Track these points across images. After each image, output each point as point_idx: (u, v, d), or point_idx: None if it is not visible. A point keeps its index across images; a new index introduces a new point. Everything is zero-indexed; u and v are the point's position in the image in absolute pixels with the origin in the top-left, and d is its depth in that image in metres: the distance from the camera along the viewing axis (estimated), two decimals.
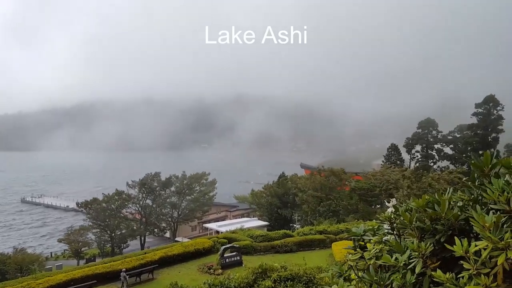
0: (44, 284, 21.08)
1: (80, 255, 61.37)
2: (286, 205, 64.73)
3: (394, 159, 76.26)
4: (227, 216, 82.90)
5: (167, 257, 27.42)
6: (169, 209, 70.16)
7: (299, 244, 32.04)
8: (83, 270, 23.88)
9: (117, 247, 63.08)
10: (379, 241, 3.24)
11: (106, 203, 63.91)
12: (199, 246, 29.65)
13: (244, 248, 30.00)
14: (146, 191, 67.57)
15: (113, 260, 26.82)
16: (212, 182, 73.43)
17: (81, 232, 62.01)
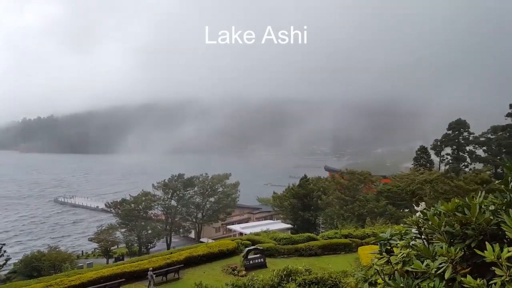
0: (75, 281, 21.78)
1: (109, 254, 63.06)
2: (309, 208, 64.21)
3: (423, 162, 74.31)
4: (250, 218, 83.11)
5: (192, 257, 27.73)
6: (193, 209, 71.09)
7: (323, 248, 31.67)
8: (112, 269, 24.50)
9: (144, 246, 64.39)
10: (406, 246, 3.18)
11: (134, 203, 65.40)
12: (223, 247, 29.83)
13: (268, 251, 29.97)
14: (170, 192, 68.74)
15: (140, 259, 27.37)
16: (234, 184, 73.82)
17: (110, 231, 63.71)
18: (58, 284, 21.23)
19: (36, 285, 21.08)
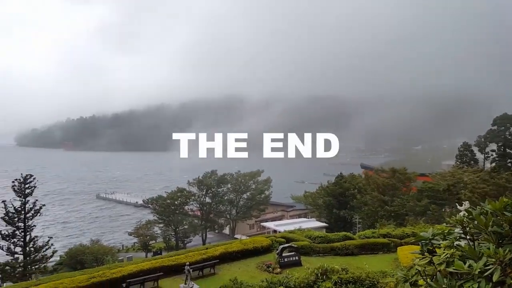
0: (116, 274, 22.65)
1: (148, 248, 65.13)
2: (345, 206, 63.16)
3: (467, 159, 70.99)
4: (284, 216, 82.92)
5: (227, 253, 28.05)
6: (227, 206, 71.95)
7: (360, 247, 31.04)
8: (151, 262, 25.27)
9: (181, 241, 66.00)
10: (450, 246, 3.06)
11: (170, 199, 67.06)
12: (258, 244, 29.94)
13: (303, 249, 29.76)
14: (205, 189, 69.87)
15: (178, 254, 28.01)
16: (266, 180, 73.87)
17: (148, 226, 65.78)
18: (101, 276, 22.16)
19: (80, 276, 22.12)
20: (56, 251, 41.21)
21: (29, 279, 33.73)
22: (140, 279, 22.59)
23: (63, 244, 73.88)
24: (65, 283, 20.85)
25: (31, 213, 36.35)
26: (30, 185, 36.66)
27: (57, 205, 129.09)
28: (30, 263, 36.17)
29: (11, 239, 35.56)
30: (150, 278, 23.02)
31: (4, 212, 35.40)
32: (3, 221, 35.66)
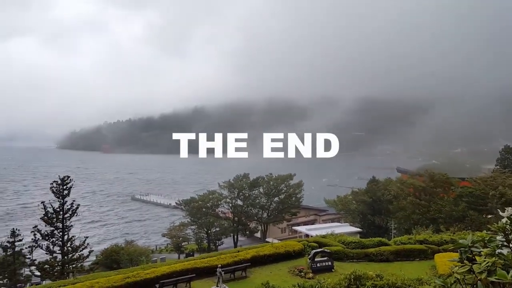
0: (150, 274, 23.14)
1: (180, 249, 66.24)
2: (379, 212, 61.50)
3: (509, 163, 67.44)
4: (316, 220, 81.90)
5: (258, 257, 28.00)
6: (258, 209, 71.87)
7: (396, 254, 30.12)
8: (183, 264, 25.63)
9: (212, 243, 66.62)
10: (491, 254, 2.87)
11: (202, 201, 67.87)
12: (289, 248, 29.69)
13: (336, 254, 29.23)
14: (236, 192, 70.12)
15: (210, 256, 28.26)
16: (298, 184, 73.21)
17: (181, 228, 66.93)
18: (135, 276, 22.71)
19: (116, 276, 22.75)
20: (92, 250, 42.70)
21: (67, 278, 35.09)
22: (173, 280, 22.95)
23: (99, 244, 76.48)
24: (100, 282, 21.51)
25: (68, 214, 37.86)
26: (68, 186, 38.19)
27: (95, 205, 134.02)
28: (68, 262, 37.62)
29: (50, 239, 37.16)
30: (182, 279, 23.34)
31: (44, 213, 37.05)
32: (42, 221, 37.32)
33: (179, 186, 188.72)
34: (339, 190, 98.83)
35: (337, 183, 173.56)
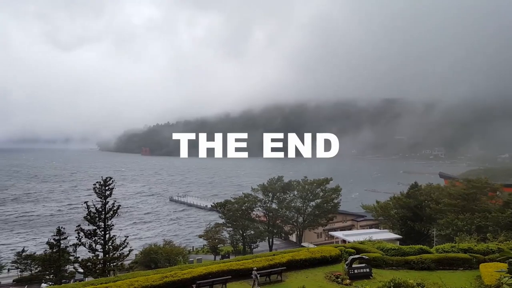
0: (187, 275, 23.43)
1: (216, 250, 66.90)
2: (420, 218, 59.06)
3: None
4: (353, 226, 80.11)
5: (294, 261, 27.66)
6: (293, 213, 71.16)
7: (438, 262, 28.76)
8: (219, 265, 25.76)
9: (247, 246, 66.74)
10: None
11: (237, 204, 68.19)
12: (326, 254, 29.12)
13: (374, 261, 28.35)
14: (271, 195, 69.83)
15: (245, 259, 28.21)
16: (335, 189, 71.80)
17: (217, 230, 67.56)
18: (173, 276, 23.07)
19: (154, 275, 23.22)
20: (132, 249, 43.96)
21: (108, 275, 36.30)
22: (209, 281, 23.12)
23: (138, 243, 78.82)
24: (140, 281, 22.02)
25: (110, 213, 39.24)
26: (109, 187, 39.58)
27: (135, 206, 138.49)
28: (109, 261, 38.94)
29: (93, 237, 38.66)
30: (218, 280, 23.46)
31: (87, 212, 38.61)
32: (86, 220, 38.90)
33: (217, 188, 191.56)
34: (378, 196, 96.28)
35: (376, 189, 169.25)
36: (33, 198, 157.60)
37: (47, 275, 49.28)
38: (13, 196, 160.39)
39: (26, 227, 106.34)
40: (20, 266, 57.50)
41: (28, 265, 56.74)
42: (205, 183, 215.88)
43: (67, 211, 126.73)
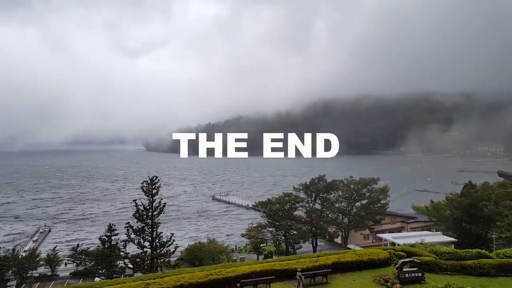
0: (231, 273, 23.38)
1: (259, 250, 66.81)
2: (477, 220, 55.25)
3: None
4: (403, 228, 76.75)
5: (340, 263, 26.78)
6: (337, 214, 69.33)
7: (499, 268, 26.63)
8: (263, 265, 25.47)
9: (291, 246, 65.99)
10: None
11: (279, 204, 67.52)
12: (374, 256, 27.94)
13: (426, 265, 26.80)
14: (313, 195, 68.42)
15: (289, 259, 27.74)
16: (383, 189, 69.07)
17: (259, 229, 67.44)
18: (217, 274, 23.11)
19: (200, 273, 23.38)
20: (178, 247, 44.80)
21: (156, 272, 37.24)
22: (253, 281, 22.90)
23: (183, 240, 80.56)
24: (186, 277, 22.26)
25: (156, 211, 40.34)
26: (156, 186, 40.71)
27: (180, 204, 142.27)
28: (157, 257, 40.01)
29: (141, 234, 39.93)
30: (262, 280, 23.20)
31: (136, 210, 39.94)
32: (134, 218, 40.24)
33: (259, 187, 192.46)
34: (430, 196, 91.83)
35: (427, 188, 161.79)
36: (88, 197, 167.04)
37: (99, 269, 51.53)
38: (70, 195, 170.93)
39: (82, 224, 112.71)
40: (75, 260, 60.68)
41: (82, 260, 59.67)
42: (247, 182, 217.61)
43: (117, 209, 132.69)
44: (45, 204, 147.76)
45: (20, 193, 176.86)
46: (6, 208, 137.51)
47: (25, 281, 57.40)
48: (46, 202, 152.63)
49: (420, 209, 68.47)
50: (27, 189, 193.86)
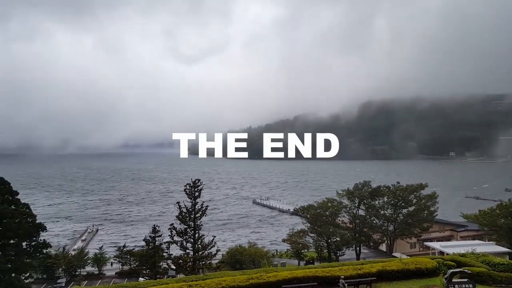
0: (272, 278, 23.21)
1: (300, 256, 66.06)
2: None
3: None
4: (452, 236, 72.91)
5: (384, 272, 25.84)
6: (383, 221, 67.09)
7: None
8: (304, 271, 25.09)
9: (333, 253, 64.68)
10: None
11: (321, 209, 66.43)
12: (421, 266, 26.70)
13: (478, 276, 25.24)
14: (357, 201, 66.71)
15: (331, 266, 27.15)
16: (431, 196, 65.96)
17: (300, 234, 66.67)
18: (258, 278, 23.04)
19: (241, 276, 23.43)
20: (219, 250, 45.31)
21: (198, 273, 37.85)
22: (295, 287, 22.64)
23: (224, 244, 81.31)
24: (227, 281, 22.39)
25: (199, 214, 41.09)
26: (199, 188, 41.51)
27: (222, 208, 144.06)
28: (198, 259, 40.70)
29: (184, 236, 40.79)
30: (304, 286, 22.88)
31: (179, 212, 40.91)
32: (177, 219, 41.22)
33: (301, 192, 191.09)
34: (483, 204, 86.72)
35: (479, 195, 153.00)
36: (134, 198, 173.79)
37: (143, 270, 53.17)
38: (117, 197, 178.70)
39: (127, 224, 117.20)
40: (121, 260, 63.08)
41: (127, 260, 61.82)
42: (290, 187, 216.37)
43: (161, 211, 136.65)
44: (94, 205, 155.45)
45: (72, 195, 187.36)
46: (59, 208, 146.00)
47: (74, 279, 60.52)
48: (95, 203, 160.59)
49: (470, 217, 64.76)
50: (78, 190, 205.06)
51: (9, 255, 35.01)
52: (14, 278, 34.50)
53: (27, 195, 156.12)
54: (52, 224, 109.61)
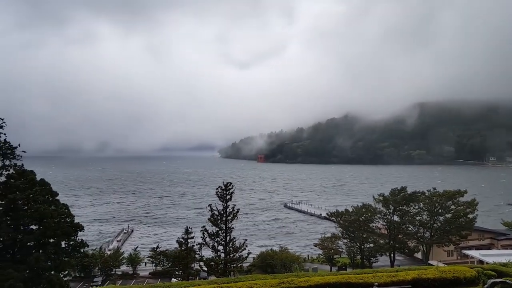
0: (304, 283, 22.97)
1: (332, 261, 65.10)
2: None
3: None
4: (493, 245, 69.54)
5: (420, 280, 24.95)
6: (418, 227, 65.03)
7: None
8: (336, 277, 24.69)
9: (366, 259, 63.32)
10: None
11: (355, 215, 65.29)
12: (459, 274, 25.58)
13: None
14: (392, 206, 65.01)
15: (364, 272, 26.54)
16: (470, 202, 63.25)
17: (333, 240, 65.73)
18: (290, 283, 22.87)
19: (272, 280, 23.35)
20: (250, 253, 45.42)
21: (229, 276, 38.14)
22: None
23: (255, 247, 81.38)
24: (258, 284, 22.38)
25: (230, 216, 41.46)
26: (230, 191, 41.91)
27: (254, 211, 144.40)
28: (230, 261, 40.99)
29: (215, 238, 41.26)
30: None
31: (211, 214, 41.46)
32: (209, 222, 41.75)
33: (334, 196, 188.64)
34: None
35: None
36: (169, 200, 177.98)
37: (176, 270, 54.18)
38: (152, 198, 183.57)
39: (161, 226, 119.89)
40: (154, 260, 64.57)
41: (161, 260, 63.17)
42: (321, 192, 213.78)
43: (194, 213, 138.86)
44: (130, 206, 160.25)
45: (110, 196, 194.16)
46: (97, 210, 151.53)
47: (110, 278, 62.54)
48: (132, 204, 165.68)
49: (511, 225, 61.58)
50: (116, 192, 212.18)
51: (49, 253, 36.50)
52: (53, 275, 35.95)
53: (67, 196, 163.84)
54: (91, 225, 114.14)
